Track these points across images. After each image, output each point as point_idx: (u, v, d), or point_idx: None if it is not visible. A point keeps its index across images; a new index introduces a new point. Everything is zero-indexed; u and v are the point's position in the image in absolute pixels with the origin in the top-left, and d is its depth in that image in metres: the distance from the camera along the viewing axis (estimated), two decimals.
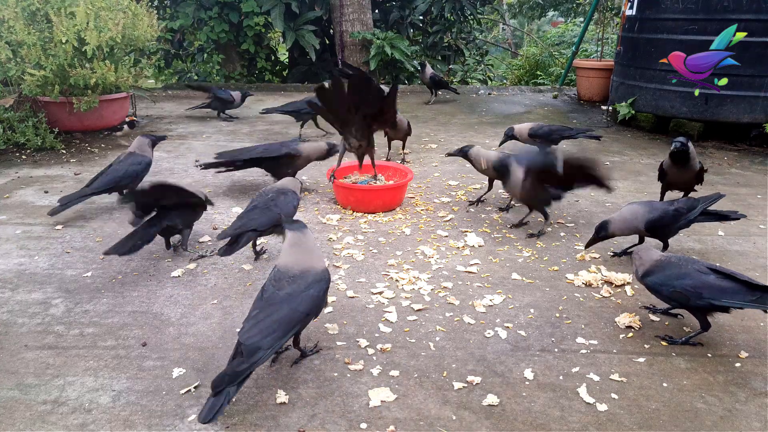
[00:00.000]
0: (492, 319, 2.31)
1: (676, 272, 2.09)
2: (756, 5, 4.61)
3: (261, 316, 1.79)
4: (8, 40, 4.66)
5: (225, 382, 1.63)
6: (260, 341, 1.71)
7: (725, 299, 1.99)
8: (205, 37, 8.08)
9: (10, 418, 1.74)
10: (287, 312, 1.81)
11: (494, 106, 7.02)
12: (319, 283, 1.91)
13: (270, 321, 1.77)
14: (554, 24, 14.51)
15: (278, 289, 1.87)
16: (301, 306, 1.84)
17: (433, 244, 2.99)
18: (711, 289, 2.01)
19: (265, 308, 1.82)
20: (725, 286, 2.01)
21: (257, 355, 1.69)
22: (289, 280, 1.89)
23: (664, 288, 2.10)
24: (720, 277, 2.03)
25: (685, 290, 2.04)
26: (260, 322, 1.77)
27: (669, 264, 2.13)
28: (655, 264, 2.16)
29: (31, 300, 2.41)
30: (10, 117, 4.62)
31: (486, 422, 1.75)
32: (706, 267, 2.08)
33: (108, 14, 4.85)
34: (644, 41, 5.37)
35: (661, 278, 2.11)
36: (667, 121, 5.41)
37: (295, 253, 1.97)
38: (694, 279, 2.04)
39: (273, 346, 1.73)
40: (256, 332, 1.74)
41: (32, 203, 3.53)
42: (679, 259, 2.15)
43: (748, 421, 1.77)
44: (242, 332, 1.75)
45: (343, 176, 3.69)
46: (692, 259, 2.15)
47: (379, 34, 7.99)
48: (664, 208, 2.73)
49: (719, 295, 2.00)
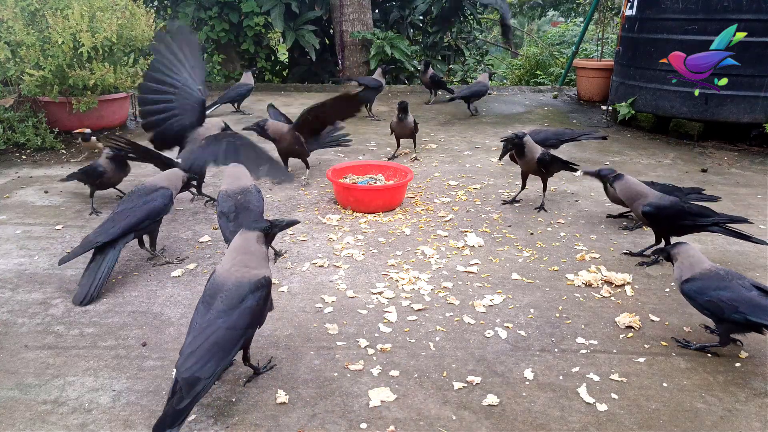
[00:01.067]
0: (492, 319, 2.31)
1: (717, 284, 2.01)
2: (756, 5, 4.61)
3: (196, 342, 1.63)
4: (7, 40, 4.66)
5: (167, 425, 1.49)
6: (199, 371, 1.57)
7: (761, 317, 1.91)
8: (205, 37, 8.07)
9: (10, 418, 1.74)
10: (224, 333, 1.66)
11: (494, 106, 7.02)
12: (255, 293, 1.76)
13: (207, 346, 1.62)
14: (554, 24, 14.50)
15: (212, 307, 1.71)
16: (239, 322, 1.69)
17: (433, 244, 2.99)
18: (749, 304, 1.94)
19: (201, 333, 1.65)
20: (765, 304, 1.93)
21: (197, 387, 1.56)
22: (223, 296, 1.74)
23: (699, 297, 2.03)
24: (762, 295, 1.96)
25: (721, 301, 1.97)
26: (197, 349, 1.61)
27: (714, 275, 2.05)
28: (702, 273, 2.07)
29: (31, 300, 2.41)
30: (10, 117, 4.62)
31: (486, 422, 1.75)
32: (751, 284, 2.01)
33: (104, 15, 4.85)
34: (644, 41, 5.36)
35: (699, 286, 2.03)
36: (667, 121, 5.41)
37: (235, 259, 1.81)
38: (733, 292, 1.97)
39: (214, 373, 1.61)
40: (193, 362, 1.59)
41: (32, 203, 3.53)
42: (727, 273, 2.06)
43: (748, 421, 1.77)
44: (178, 364, 1.59)
45: (341, 176, 3.69)
46: (739, 275, 2.06)
47: (379, 34, 7.99)
48: (673, 200, 2.76)
49: (756, 312, 1.92)
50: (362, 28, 8.13)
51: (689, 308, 2.39)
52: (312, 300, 2.43)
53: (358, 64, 8.30)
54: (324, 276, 2.65)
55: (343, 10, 8.04)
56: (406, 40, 8.15)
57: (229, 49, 8.52)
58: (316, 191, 3.81)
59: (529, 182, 3.57)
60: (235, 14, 8.03)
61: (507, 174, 4.23)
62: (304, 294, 2.49)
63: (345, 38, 8.18)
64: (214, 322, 1.68)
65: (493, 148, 4.98)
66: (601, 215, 3.44)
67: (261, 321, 1.83)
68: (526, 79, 10.18)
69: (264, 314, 1.84)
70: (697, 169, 4.38)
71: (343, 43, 8.24)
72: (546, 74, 9.91)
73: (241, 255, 1.81)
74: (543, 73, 9.96)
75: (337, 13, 8.13)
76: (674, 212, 2.73)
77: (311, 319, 2.29)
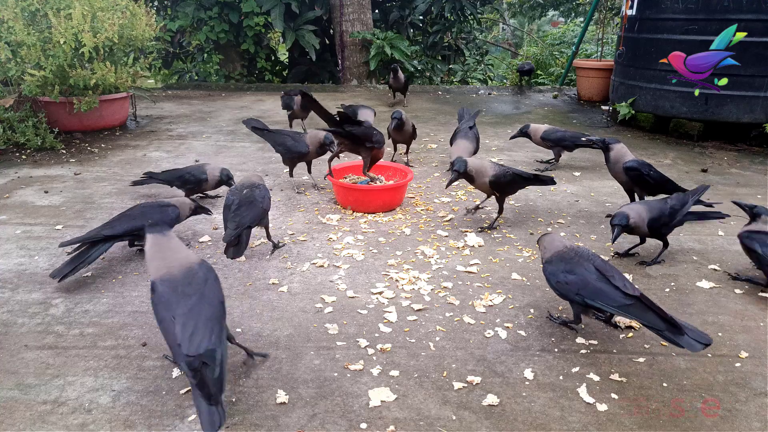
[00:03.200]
0: (492, 319, 2.31)
1: (565, 266, 2.13)
2: (756, 5, 4.61)
3: (190, 326, 1.69)
4: (8, 40, 4.66)
5: (219, 391, 1.58)
6: (209, 343, 1.65)
7: (597, 301, 2.01)
8: (204, 37, 8.08)
9: (10, 418, 1.74)
10: (209, 309, 1.75)
11: (494, 106, 7.02)
12: (208, 272, 1.86)
13: (202, 324, 1.70)
14: (554, 24, 14.51)
15: (184, 295, 1.76)
16: (214, 297, 1.80)
17: (433, 244, 2.99)
18: (588, 288, 2.04)
19: (189, 319, 1.71)
20: (602, 288, 2.01)
21: (217, 356, 1.64)
22: (184, 284, 1.79)
23: (551, 278, 2.17)
24: (601, 279, 2.04)
25: (567, 284, 2.09)
26: (195, 330, 1.67)
27: (566, 257, 2.16)
28: (556, 254, 2.20)
29: (31, 300, 2.41)
30: (10, 117, 4.62)
31: (486, 422, 1.75)
32: (594, 267, 2.08)
33: (105, 14, 4.85)
34: (644, 41, 5.37)
35: (552, 269, 2.17)
36: (667, 121, 5.41)
37: (167, 257, 1.85)
38: (577, 275, 2.08)
39: (222, 341, 1.70)
40: (198, 339, 1.65)
41: (32, 203, 3.53)
42: (577, 254, 2.15)
43: (748, 421, 1.77)
44: (188, 347, 1.63)
45: (341, 176, 3.69)
46: (588, 256, 2.14)
47: (379, 34, 7.99)
48: (660, 207, 2.74)
49: (593, 296, 2.02)
50: (362, 28, 8.14)
51: (689, 308, 2.40)
52: (312, 300, 2.43)
53: (358, 64, 8.31)
54: (324, 276, 2.65)
55: (343, 10, 8.04)
56: (406, 40, 8.15)
57: (229, 49, 8.53)
58: (316, 191, 3.81)
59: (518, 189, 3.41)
60: (235, 14, 8.04)
61: None
62: (304, 294, 2.49)
63: (345, 38, 8.18)
64: (196, 305, 1.74)
65: (493, 148, 4.98)
66: (601, 215, 3.44)
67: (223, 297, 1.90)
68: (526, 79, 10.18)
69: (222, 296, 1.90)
70: (697, 169, 4.38)
71: (343, 43, 8.24)
72: (546, 74, 9.91)
73: (168, 253, 1.86)
74: (543, 73, 9.97)
75: (337, 13, 8.13)
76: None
77: (311, 319, 2.29)
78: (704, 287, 2.58)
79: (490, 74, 10.85)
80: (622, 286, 1.99)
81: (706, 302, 2.46)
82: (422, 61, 8.98)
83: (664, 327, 1.86)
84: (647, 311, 1.91)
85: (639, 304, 1.94)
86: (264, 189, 2.83)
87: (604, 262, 2.11)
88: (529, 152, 4.82)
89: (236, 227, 2.59)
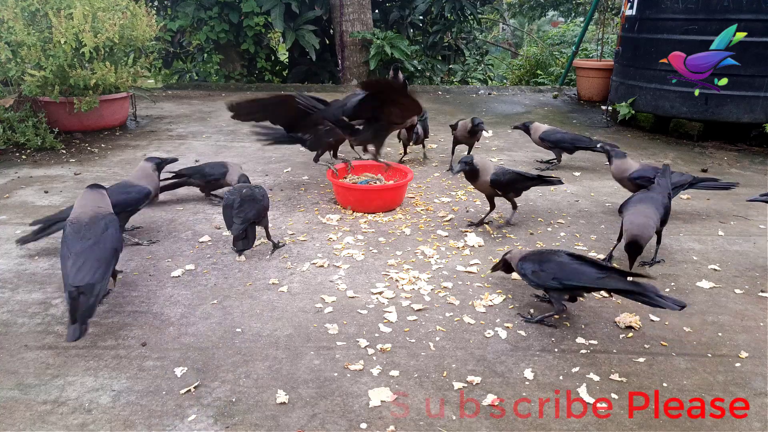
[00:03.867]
0: (492, 319, 2.31)
1: (539, 258, 2.27)
2: (756, 5, 4.61)
3: (80, 261, 2.07)
4: (8, 40, 4.66)
5: (87, 316, 1.99)
6: (91, 279, 2.03)
7: (574, 280, 2.13)
8: (204, 37, 8.07)
9: (10, 418, 1.74)
10: (99, 251, 2.14)
11: (494, 106, 7.02)
12: (110, 223, 2.29)
13: (91, 262, 2.09)
14: (554, 24, 14.51)
15: (83, 238, 2.18)
16: (108, 245, 2.19)
17: (433, 244, 2.99)
18: (563, 271, 2.16)
19: (80, 256, 2.09)
20: (577, 267, 2.16)
21: (95, 290, 2.02)
22: (86, 229, 2.22)
23: (527, 270, 2.26)
24: (573, 260, 2.20)
25: (542, 271, 2.20)
26: (82, 265, 2.06)
27: (538, 252, 2.33)
28: (529, 253, 2.34)
29: (31, 300, 2.41)
30: (10, 117, 4.62)
31: (486, 422, 1.75)
32: (566, 253, 2.25)
33: (106, 15, 4.86)
34: (644, 41, 5.37)
35: (526, 265, 2.28)
36: (667, 121, 5.41)
37: (85, 205, 2.35)
38: (551, 263, 2.21)
39: (104, 279, 2.08)
40: (83, 274, 2.04)
41: (32, 203, 3.53)
42: (549, 250, 2.34)
43: (748, 421, 1.77)
44: (71, 280, 2.01)
45: (341, 176, 3.69)
46: (559, 251, 2.30)
47: (379, 33, 7.99)
48: (665, 204, 2.74)
49: (569, 276, 2.14)
50: (362, 28, 8.13)
51: (689, 308, 2.40)
52: (312, 300, 2.43)
53: (358, 64, 8.31)
54: (324, 276, 2.65)
55: (343, 10, 8.04)
56: (406, 40, 8.15)
57: (229, 49, 8.52)
58: (316, 191, 3.81)
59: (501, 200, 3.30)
60: (235, 14, 8.04)
61: None
62: (304, 294, 2.49)
63: (345, 38, 8.18)
64: (90, 247, 2.15)
65: (493, 148, 4.98)
66: (601, 215, 3.44)
67: (121, 246, 2.34)
68: (526, 79, 10.18)
69: (122, 241, 2.37)
70: (697, 169, 4.38)
71: (343, 43, 8.24)
72: (546, 74, 9.91)
73: (91, 203, 2.37)
74: (543, 73, 9.97)
75: (337, 13, 8.13)
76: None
77: (311, 319, 2.29)
78: (704, 287, 2.58)
79: (490, 74, 10.85)
80: (592, 263, 2.15)
81: (706, 302, 2.46)
82: (422, 61, 8.97)
83: (640, 289, 2.01)
84: (623, 281, 2.06)
85: (614, 275, 2.08)
86: (262, 188, 2.90)
87: (572, 252, 2.27)
88: (529, 152, 4.82)
89: (242, 222, 2.69)
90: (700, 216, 3.43)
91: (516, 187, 3.17)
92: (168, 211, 3.43)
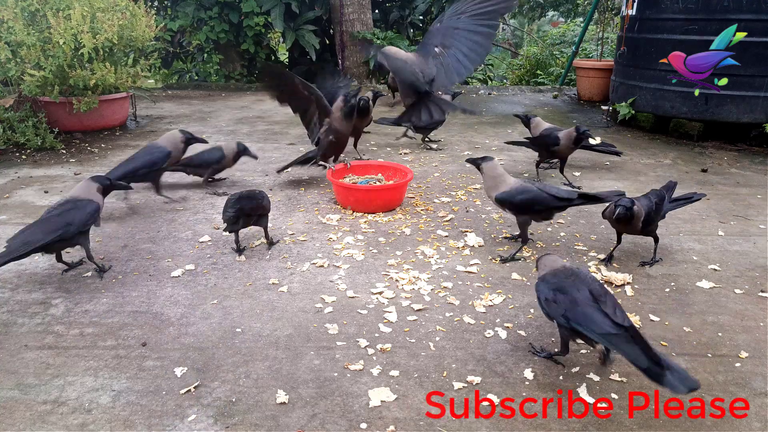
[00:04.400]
0: (492, 319, 2.31)
1: (559, 285, 1.95)
2: (756, 5, 4.60)
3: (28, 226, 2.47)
4: (8, 40, 4.66)
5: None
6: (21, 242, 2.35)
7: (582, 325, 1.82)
8: (204, 37, 8.08)
9: (10, 418, 1.74)
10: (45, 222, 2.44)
11: (494, 105, 7.02)
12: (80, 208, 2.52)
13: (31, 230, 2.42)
14: (554, 24, 14.50)
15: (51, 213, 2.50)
16: (60, 218, 2.45)
17: (433, 244, 2.99)
18: (575, 310, 1.85)
19: (33, 223, 2.48)
20: (590, 313, 1.83)
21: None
22: (58, 206, 2.53)
23: (541, 295, 1.99)
24: (590, 303, 1.85)
25: (555, 302, 1.92)
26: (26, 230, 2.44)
27: (560, 275, 1.99)
28: (551, 272, 2.03)
29: (31, 300, 2.41)
30: (10, 117, 4.62)
31: (486, 422, 1.75)
32: (589, 291, 1.89)
33: (105, 15, 4.85)
34: (644, 41, 5.36)
35: (543, 287, 1.99)
36: (667, 121, 5.41)
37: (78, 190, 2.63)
38: (567, 295, 1.90)
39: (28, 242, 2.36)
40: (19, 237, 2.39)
41: (32, 203, 3.53)
42: (574, 274, 1.98)
43: (748, 421, 1.77)
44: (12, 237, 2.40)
45: (341, 176, 3.69)
46: (588, 280, 1.96)
47: (379, 33, 7.99)
48: (648, 203, 2.70)
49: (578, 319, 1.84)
50: (362, 28, 8.13)
51: (689, 308, 2.40)
52: (312, 300, 2.43)
53: (358, 64, 8.31)
54: (324, 276, 2.65)
55: (343, 10, 8.04)
56: (406, 40, 8.15)
57: (229, 49, 8.53)
58: (316, 191, 3.81)
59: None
60: (235, 14, 8.04)
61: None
62: (304, 294, 2.49)
63: (345, 38, 8.18)
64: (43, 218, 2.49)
65: (493, 148, 4.98)
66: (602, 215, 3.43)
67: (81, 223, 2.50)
68: (526, 79, 10.18)
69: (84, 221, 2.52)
70: (697, 169, 4.38)
71: (343, 43, 8.24)
72: (546, 74, 9.91)
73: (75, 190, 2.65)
74: (543, 73, 9.96)
75: (337, 13, 8.13)
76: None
77: (311, 319, 2.29)
78: (704, 287, 2.58)
79: (490, 74, 10.85)
80: (612, 313, 1.80)
81: (706, 302, 2.46)
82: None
83: (647, 364, 1.66)
84: (632, 344, 1.71)
85: (625, 335, 1.75)
86: (263, 192, 2.92)
87: (600, 287, 1.94)
88: (529, 152, 4.81)
89: (234, 209, 2.73)
90: (700, 216, 3.43)
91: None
92: (168, 211, 3.43)
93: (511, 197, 2.76)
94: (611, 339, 1.75)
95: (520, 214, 2.81)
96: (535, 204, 2.72)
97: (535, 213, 2.79)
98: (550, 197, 2.71)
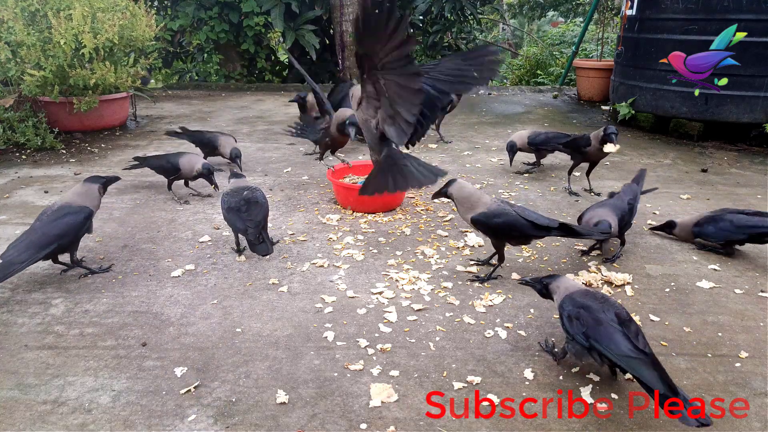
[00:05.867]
0: (492, 319, 2.31)
1: (587, 303, 1.90)
2: (756, 5, 4.60)
3: (20, 239, 2.41)
4: (8, 40, 4.66)
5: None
6: (15, 258, 2.32)
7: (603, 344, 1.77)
8: (204, 37, 8.08)
9: (10, 418, 1.74)
10: (39, 235, 2.40)
11: (494, 106, 7.02)
12: (74, 215, 2.49)
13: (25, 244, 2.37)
14: (554, 24, 14.50)
15: (38, 220, 2.47)
16: (53, 230, 2.42)
17: (433, 244, 2.99)
18: (598, 329, 1.80)
19: (25, 235, 2.41)
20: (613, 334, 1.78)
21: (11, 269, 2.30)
22: (50, 213, 2.50)
23: (566, 307, 1.94)
24: (614, 324, 1.81)
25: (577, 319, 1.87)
26: (18, 244, 2.38)
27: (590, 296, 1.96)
28: (580, 291, 2.00)
29: (31, 300, 2.41)
30: (10, 117, 4.62)
31: (486, 422, 1.75)
32: (616, 314, 1.85)
33: (105, 15, 4.85)
34: (644, 41, 5.37)
35: (570, 303, 1.94)
36: (667, 121, 5.41)
37: (71, 195, 2.60)
38: (592, 314, 1.86)
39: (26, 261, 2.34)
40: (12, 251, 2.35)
41: (32, 203, 3.53)
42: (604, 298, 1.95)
43: (748, 421, 1.77)
44: (2, 254, 2.36)
45: (341, 176, 3.69)
46: (615, 304, 1.92)
47: None
48: (621, 207, 2.75)
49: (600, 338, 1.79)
50: None
51: (689, 308, 2.40)
52: (312, 300, 2.43)
53: None
54: (324, 276, 2.65)
55: (343, 10, 8.04)
56: None
57: (229, 49, 8.53)
58: (316, 191, 3.81)
59: None
60: (235, 14, 8.04)
61: (506, 174, 4.23)
62: (304, 294, 2.49)
63: (345, 38, 8.18)
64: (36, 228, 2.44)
65: (493, 148, 4.98)
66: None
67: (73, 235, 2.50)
68: (526, 79, 10.18)
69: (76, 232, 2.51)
70: (697, 169, 4.38)
71: (343, 43, 8.24)
72: (546, 74, 9.91)
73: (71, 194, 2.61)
74: (543, 73, 9.96)
75: (337, 13, 8.13)
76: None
77: (311, 319, 2.29)
78: (704, 287, 2.58)
79: None
80: (634, 338, 1.77)
81: (706, 302, 2.46)
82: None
83: (663, 389, 1.63)
84: (651, 369, 1.68)
85: (646, 360, 1.71)
86: (260, 191, 2.89)
87: (627, 314, 1.89)
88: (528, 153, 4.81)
89: (255, 226, 2.67)
90: None
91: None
92: (168, 211, 3.43)
93: (487, 219, 2.53)
94: (630, 362, 1.72)
95: (495, 238, 2.62)
96: (511, 230, 2.52)
97: (511, 238, 2.59)
98: (527, 224, 2.49)
